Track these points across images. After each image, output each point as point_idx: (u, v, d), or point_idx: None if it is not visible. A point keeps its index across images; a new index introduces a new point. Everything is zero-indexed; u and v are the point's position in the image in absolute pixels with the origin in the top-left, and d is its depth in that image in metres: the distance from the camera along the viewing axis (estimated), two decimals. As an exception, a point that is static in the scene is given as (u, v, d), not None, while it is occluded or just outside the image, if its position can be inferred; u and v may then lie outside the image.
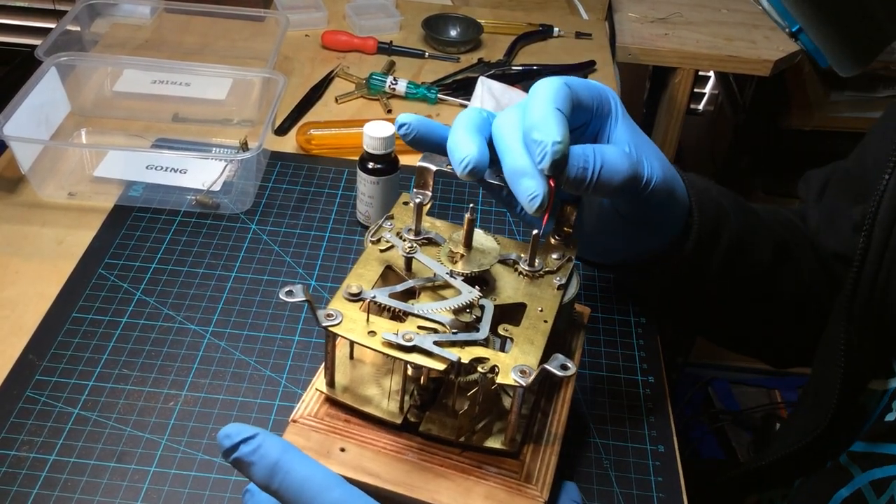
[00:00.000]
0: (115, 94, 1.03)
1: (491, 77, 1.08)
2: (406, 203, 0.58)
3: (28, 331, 0.71)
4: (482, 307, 0.51)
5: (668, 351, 0.94)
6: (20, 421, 0.63)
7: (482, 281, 0.54)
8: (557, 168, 0.50)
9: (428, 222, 0.57)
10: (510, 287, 0.54)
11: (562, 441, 0.54)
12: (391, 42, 1.18)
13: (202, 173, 0.88)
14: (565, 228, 0.56)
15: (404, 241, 0.55)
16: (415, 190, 0.56)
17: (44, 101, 0.89)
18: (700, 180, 0.66)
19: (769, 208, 0.78)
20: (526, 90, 1.07)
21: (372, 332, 0.48)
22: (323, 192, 0.90)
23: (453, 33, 1.22)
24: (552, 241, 0.56)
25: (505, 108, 0.55)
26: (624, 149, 0.54)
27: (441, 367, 0.47)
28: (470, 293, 0.51)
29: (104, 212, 0.85)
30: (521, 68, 1.15)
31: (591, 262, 0.69)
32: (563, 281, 0.54)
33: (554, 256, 0.55)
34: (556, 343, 0.56)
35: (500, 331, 0.50)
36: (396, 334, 0.48)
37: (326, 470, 0.45)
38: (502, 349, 0.51)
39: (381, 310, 0.51)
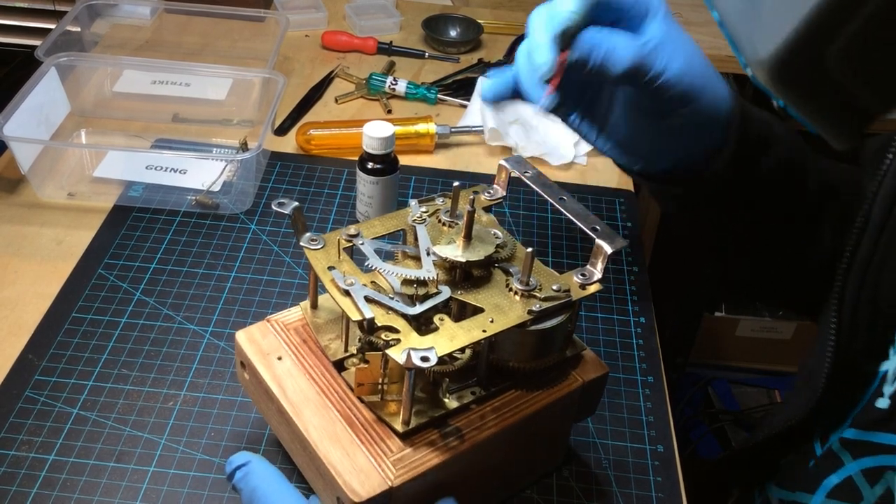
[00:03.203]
0: (115, 94, 1.03)
1: (491, 77, 1.08)
2: (459, 185, 0.59)
3: (27, 331, 0.71)
4: (439, 291, 0.52)
5: (668, 351, 0.94)
6: (19, 421, 0.64)
7: (466, 274, 0.54)
8: (566, 37, 0.53)
9: (477, 213, 0.57)
10: (488, 292, 0.53)
11: (461, 453, 0.51)
12: (391, 42, 1.18)
13: (202, 173, 0.88)
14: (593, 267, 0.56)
15: (433, 216, 0.58)
16: (495, 185, 0.62)
17: (44, 101, 0.89)
18: (755, 109, 0.66)
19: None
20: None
21: (331, 268, 0.52)
22: (323, 192, 0.90)
23: (453, 34, 1.22)
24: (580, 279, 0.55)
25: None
26: (641, 41, 0.56)
27: (356, 317, 0.49)
28: (428, 272, 0.53)
29: (104, 212, 0.85)
30: (520, 68, 1.15)
31: (634, 172, 0.67)
32: (538, 309, 0.52)
33: (554, 287, 0.54)
34: (548, 373, 0.56)
35: (436, 320, 0.51)
36: (343, 276, 0.51)
37: (297, 500, 0.49)
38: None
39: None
